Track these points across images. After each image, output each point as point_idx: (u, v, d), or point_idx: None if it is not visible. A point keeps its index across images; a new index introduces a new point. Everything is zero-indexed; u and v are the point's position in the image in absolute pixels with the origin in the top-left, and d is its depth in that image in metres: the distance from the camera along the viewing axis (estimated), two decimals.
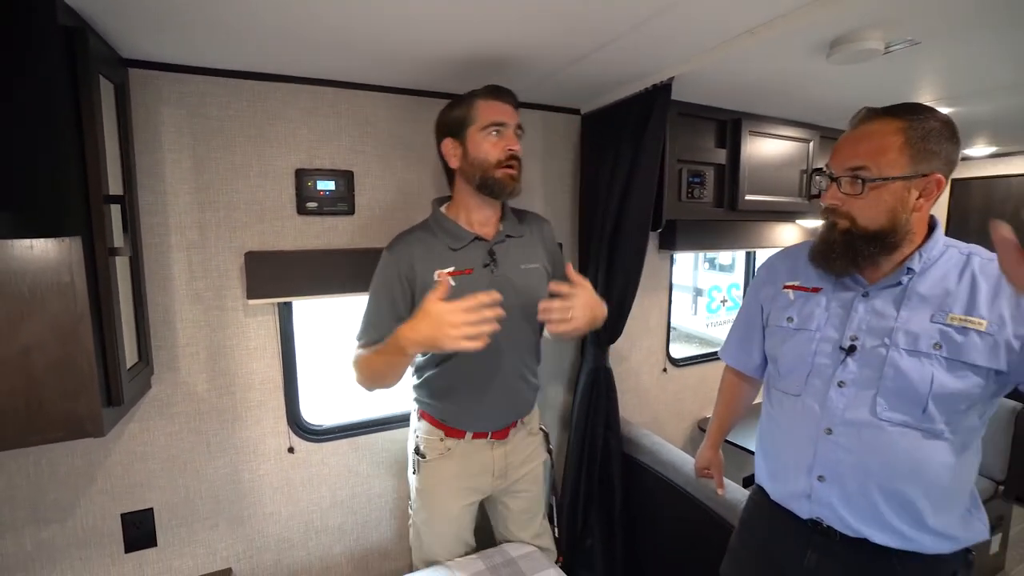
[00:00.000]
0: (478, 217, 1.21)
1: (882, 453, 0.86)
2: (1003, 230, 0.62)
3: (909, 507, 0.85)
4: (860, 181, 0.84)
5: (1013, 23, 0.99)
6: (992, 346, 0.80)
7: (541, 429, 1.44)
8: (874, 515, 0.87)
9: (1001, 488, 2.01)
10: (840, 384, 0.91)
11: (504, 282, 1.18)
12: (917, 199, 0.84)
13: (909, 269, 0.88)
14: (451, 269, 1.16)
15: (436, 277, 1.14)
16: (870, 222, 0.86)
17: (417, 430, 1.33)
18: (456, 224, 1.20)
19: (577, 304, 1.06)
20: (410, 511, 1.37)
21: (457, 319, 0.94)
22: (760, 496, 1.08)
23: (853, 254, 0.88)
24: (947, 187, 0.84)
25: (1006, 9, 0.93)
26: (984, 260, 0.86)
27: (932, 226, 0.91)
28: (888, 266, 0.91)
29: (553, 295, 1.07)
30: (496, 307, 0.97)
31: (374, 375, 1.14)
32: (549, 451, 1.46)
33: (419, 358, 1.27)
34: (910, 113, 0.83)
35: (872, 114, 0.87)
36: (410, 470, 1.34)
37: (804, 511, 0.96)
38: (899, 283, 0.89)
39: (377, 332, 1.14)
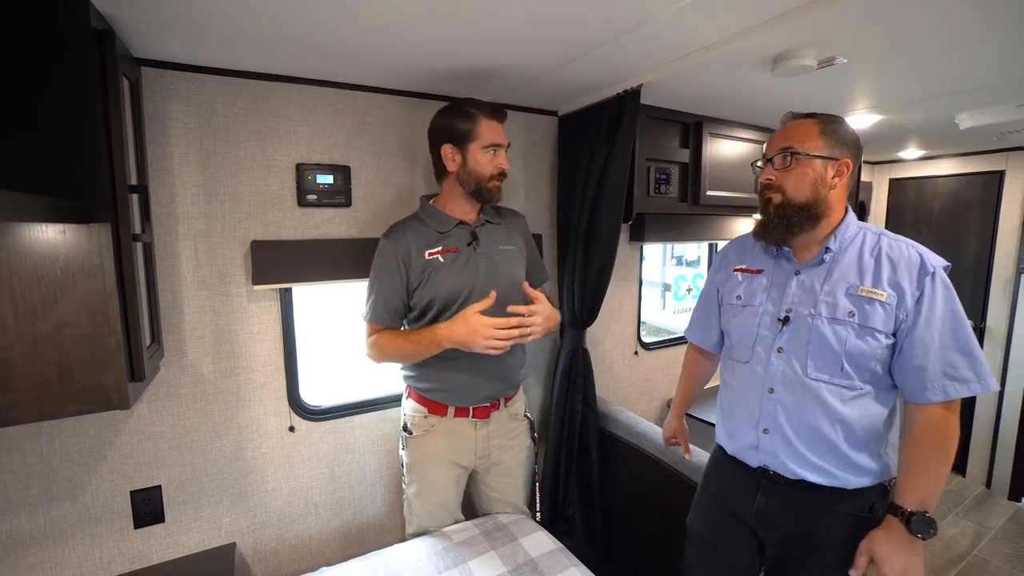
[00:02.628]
0: (461, 209, 1.40)
1: (813, 406, 1.04)
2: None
3: (836, 451, 1.03)
4: (790, 155, 1.04)
5: (921, 48, 1.20)
6: (888, 314, 0.99)
7: (526, 416, 1.55)
8: (808, 459, 1.05)
9: None
10: (779, 350, 1.08)
11: (485, 260, 1.36)
12: (833, 178, 1.04)
13: (827, 248, 1.06)
14: (439, 249, 1.34)
15: (427, 256, 1.33)
16: (798, 193, 1.04)
17: (405, 408, 1.47)
18: (443, 212, 1.38)
19: (538, 318, 1.25)
20: (403, 486, 1.50)
21: (488, 332, 1.18)
22: (719, 453, 1.25)
23: (787, 223, 1.06)
24: (857, 173, 1.08)
25: (914, 37, 1.13)
26: (891, 241, 1.05)
27: (846, 211, 1.10)
28: (814, 248, 1.09)
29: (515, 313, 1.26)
30: (516, 319, 1.22)
31: (400, 356, 1.34)
32: (533, 439, 1.58)
33: (404, 326, 1.43)
34: (823, 115, 1.07)
35: (796, 115, 1.09)
36: (400, 447, 1.48)
37: (753, 460, 1.13)
38: (822, 261, 1.07)
39: (382, 305, 1.35)
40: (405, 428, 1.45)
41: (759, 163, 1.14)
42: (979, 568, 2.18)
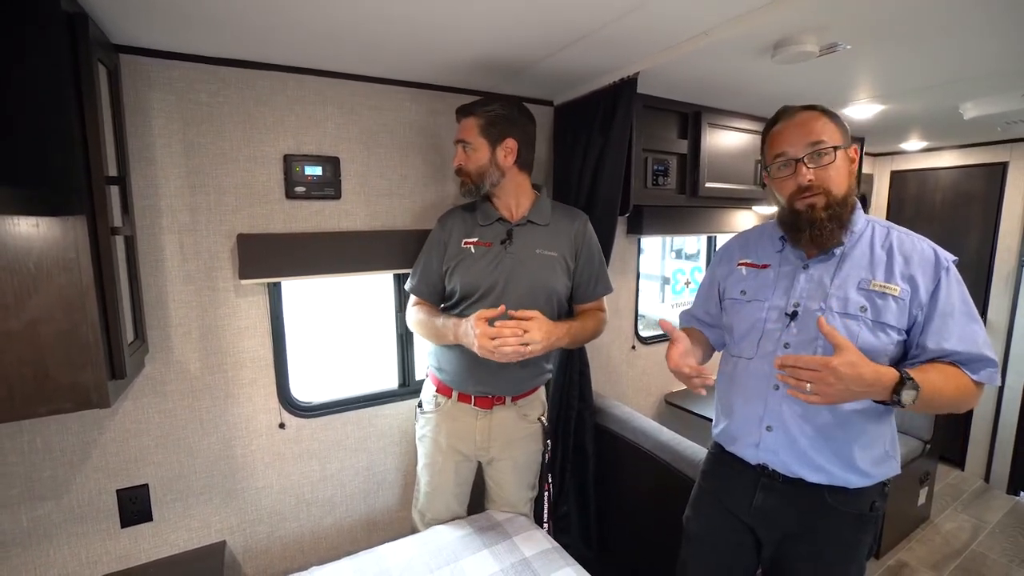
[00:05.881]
0: (504, 204, 1.41)
1: (819, 405, 1.00)
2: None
3: (840, 450, 1.00)
4: (832, 149, 0.98)
5: (924, 34, 1.16)
6: (902, 309, 0.96)
7: (540, 420, 1.52)
8: (810, 458, 1.02)
9: (928, 447, 2.25)
10: (786, 345, 1.05)
11: (513, 260, 1.35)
12: (852, 165, 1.02)
13: (840, 242, 1.03)
14: (475, 240, 1.39)
15: (462, 244, 1.39)
16: (840, 188, 1.00)
17: (424, 386, 1.52)
18: (490, 205, 1.41)
19: (533, 330, 1.24)
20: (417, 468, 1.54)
21: (483, 341, 1.21)
22: (717, 449, 1.22)
23: (840, 222, 1.00)
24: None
25: (920, 21, 1.09)
26: (900, 235, 1.02)
27: (853, 205, 1.06)
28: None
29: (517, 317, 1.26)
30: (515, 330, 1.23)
31: (424, 333, 1.43)
32: (546, 444, 1.55)
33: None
34: (819, 106, 1.03)
35: (793, 108, 1.04)
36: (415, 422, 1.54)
37: (752, 457, 1.10)
38: (832, 254, 1.04)
39: (420, 280, 1.45)
40: (420, 404, 1.51)
41: (783, 168, 1.03)
42: (977, 562, 2.17)
